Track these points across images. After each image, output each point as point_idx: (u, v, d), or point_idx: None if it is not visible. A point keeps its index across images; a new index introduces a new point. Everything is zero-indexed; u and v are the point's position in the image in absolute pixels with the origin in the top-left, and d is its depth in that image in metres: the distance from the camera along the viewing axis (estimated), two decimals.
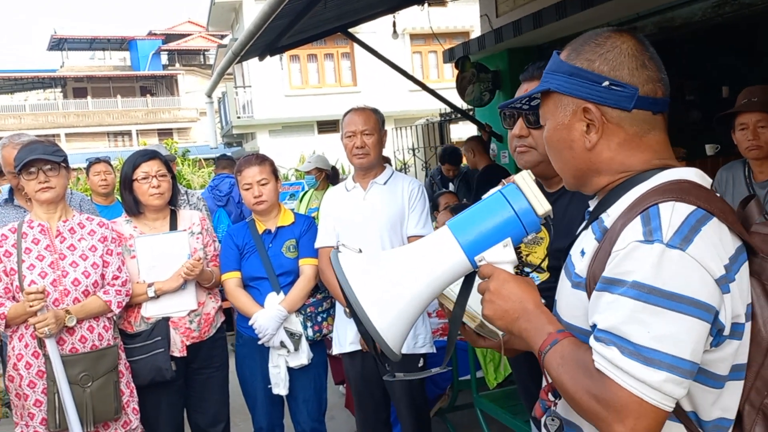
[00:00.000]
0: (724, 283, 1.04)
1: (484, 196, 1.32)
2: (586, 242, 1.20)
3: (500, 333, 1.41)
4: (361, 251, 1.30)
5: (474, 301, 1.37)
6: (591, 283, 1.12)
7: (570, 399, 1.09)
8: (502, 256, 1.24)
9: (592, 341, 1.07)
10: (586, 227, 1.25)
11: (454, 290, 1.44)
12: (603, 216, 1.19)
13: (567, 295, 1.22)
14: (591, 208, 1.27)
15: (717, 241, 1.05)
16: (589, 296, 1.13)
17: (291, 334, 2.94)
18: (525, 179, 1.25)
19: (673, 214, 1.04)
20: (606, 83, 1.15)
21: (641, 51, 1.16)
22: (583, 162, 1.22)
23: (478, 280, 1.29)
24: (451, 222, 1.27)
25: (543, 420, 1.25)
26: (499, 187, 1.29)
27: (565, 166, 1.26)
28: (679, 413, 1.09)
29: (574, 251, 1.25)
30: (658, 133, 1.18)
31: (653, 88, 1.16)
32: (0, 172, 4.35)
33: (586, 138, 1.19)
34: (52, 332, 2.55)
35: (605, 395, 1.02)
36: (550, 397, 1.20)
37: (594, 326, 1.08)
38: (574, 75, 1.18)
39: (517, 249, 1.27)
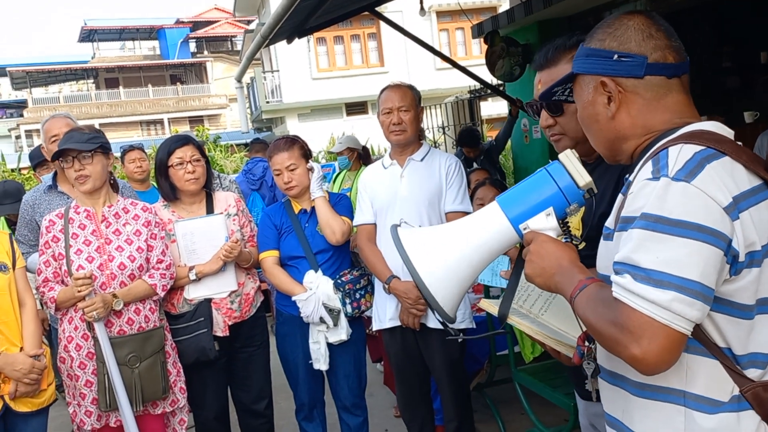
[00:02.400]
0: (732, 211, 1.10)
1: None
2: (617, 202, 1.30)
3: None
4: (420, 227, 1.43)
5: (567, 327, 1.50)
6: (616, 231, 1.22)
7: (593, 332, 1.18)
8: (544, 223, 1.35)
9: (612, 276, 1.16)
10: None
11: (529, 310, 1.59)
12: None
13: (601, 249, 1.34)
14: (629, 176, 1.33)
15: (725, 175, 1.12)
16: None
17: (330, 310, 2.98)
18: (568, 156, 1.36)
19: (680, 153, 1.14)
20: (615, 56, 1.27)
21: (648, 25, 1.27)
22: (609, 131, 1.32)
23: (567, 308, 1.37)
24: (500, 197, 1.41)
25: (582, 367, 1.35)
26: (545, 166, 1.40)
27: (596, 139, 1.38)
28: (713, 349, 1.16)
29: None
30: (675, 95, 1.28)
31: (662, 54, 1.26)
32: (41, 162, 4.47)
33: (607, 109, 1.30)
34: (100, 316, 2.62)
35: (621, 319, 1.10)
36: (586, 343, 1.32)
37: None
38: (590, 55, 1.32)
39: (565, 222, 1.38)
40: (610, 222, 1.29)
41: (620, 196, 1.27)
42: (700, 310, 1.08)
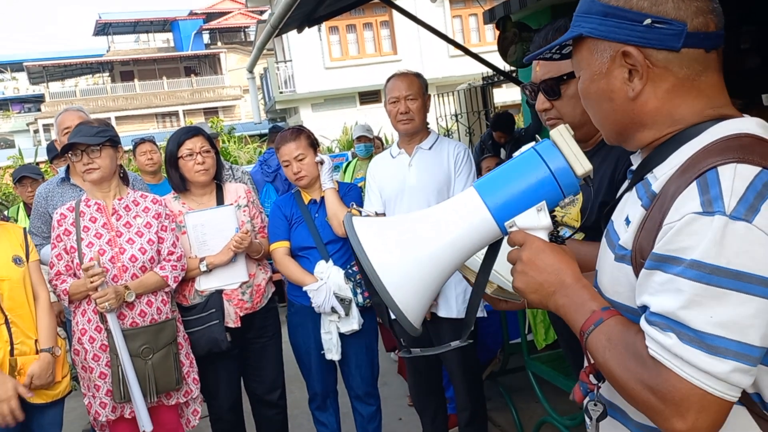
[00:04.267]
0: None
1: (516, 154, 1.16)
2: (630, 208, 1.07)
3: None
4: (377, 214, 1.25)
5: (505, 272, 1.26)
6: (638, 257, 1.01)
7: (619, 388, 1.00)
8: (535, 221, 1.10)
9: (644, 325, 0.96)
10: (629, 188, 1.13)
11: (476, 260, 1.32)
12: (650, 178, 1.06)
13: (610, 268, 1.09)
14: (634, 167, 1.14)
15: None
16: (635, 271, 1.01)
17: (341, 300, 2.98)
18: (562, 134, 1.10)
19: (736, 178, 0.91)
20: (647, 21, 1.00)
21: None
22: (625, 115, 1.07)
23: (506, 247, 1.16)
24: (479, 183, 1.13)
25: (584, 404, 1.13)
26: (532, 144, 1.14)
27: (605, 120, 1.12)
28: (742, 396, 0.98)
29: (617, 218, 1.12)
30: (711, 75, 1.04)
31: (704, 21, 1.00)
32: (56, 155, 4.51)
33: (628, 86, 1.05)
34: (112, 307, 2.65)
35: (662, 386, 0.92)
36: (592, 379, 1.09)
37: (644, 307, 0.97)
38: (609, 15, 1.03)
39: (551, 211, 1.15)
40: (626, 240, 1.04)
41: (640, 209, 1.03)
42: (755, 375, 0.92)
